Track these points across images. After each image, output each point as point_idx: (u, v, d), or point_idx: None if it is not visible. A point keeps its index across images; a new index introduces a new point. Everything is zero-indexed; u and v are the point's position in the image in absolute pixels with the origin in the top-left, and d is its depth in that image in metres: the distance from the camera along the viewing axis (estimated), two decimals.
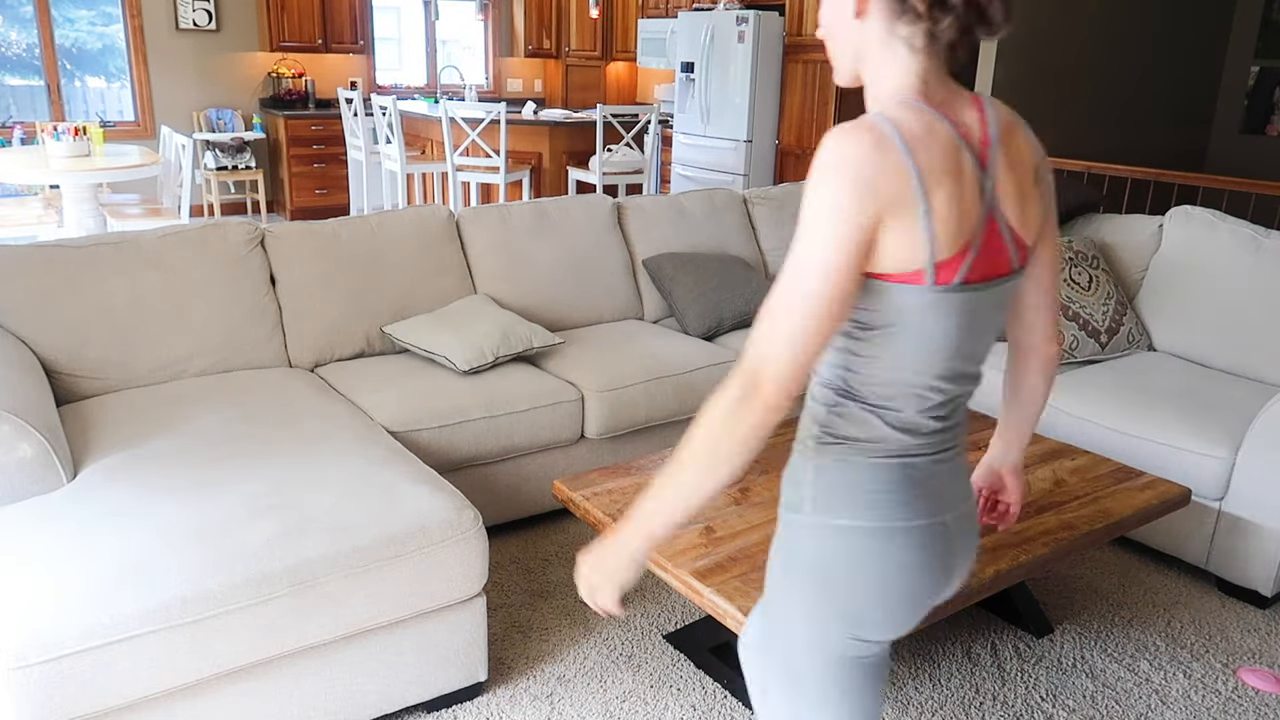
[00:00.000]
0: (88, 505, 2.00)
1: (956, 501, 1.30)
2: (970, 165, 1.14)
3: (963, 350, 1.21)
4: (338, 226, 3.21)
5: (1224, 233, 3.37)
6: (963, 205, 1.13)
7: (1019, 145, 1.21)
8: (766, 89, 6.71)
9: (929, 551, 1.25)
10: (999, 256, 1.19)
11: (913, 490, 1.24)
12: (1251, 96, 7.38)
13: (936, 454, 1.27)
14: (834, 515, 1.26)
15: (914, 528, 1.24)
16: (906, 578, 1.25)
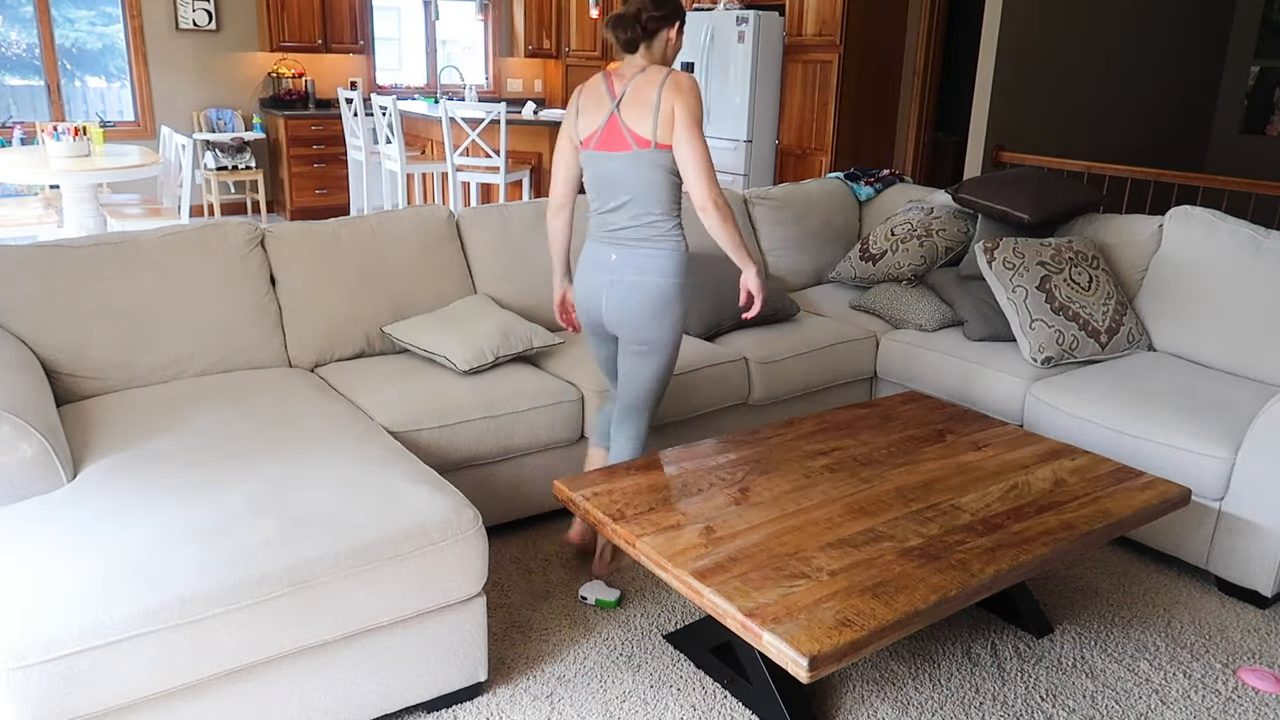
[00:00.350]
0: (88, 505, 2.00)
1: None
2: (606, 94, 2.42)
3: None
4: (338, 226, 3.21)
5: (1224, 233, 3.37)
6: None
7: (644, 90, 2.38)
8: (766, 89, 6.71)
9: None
10: (618, 139, 2.40)
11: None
12: (1251, 96, 7.38)
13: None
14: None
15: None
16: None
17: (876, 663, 2.41)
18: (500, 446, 2.86)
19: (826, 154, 6.53)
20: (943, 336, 3.58)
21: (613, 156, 2.40)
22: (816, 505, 2.25)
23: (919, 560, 2.02)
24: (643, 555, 2.07)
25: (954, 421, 2.80)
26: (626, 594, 2.69)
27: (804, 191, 4.34)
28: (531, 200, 3.68)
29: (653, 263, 2.44)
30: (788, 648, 1.73)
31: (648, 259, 2.44)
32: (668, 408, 3.16)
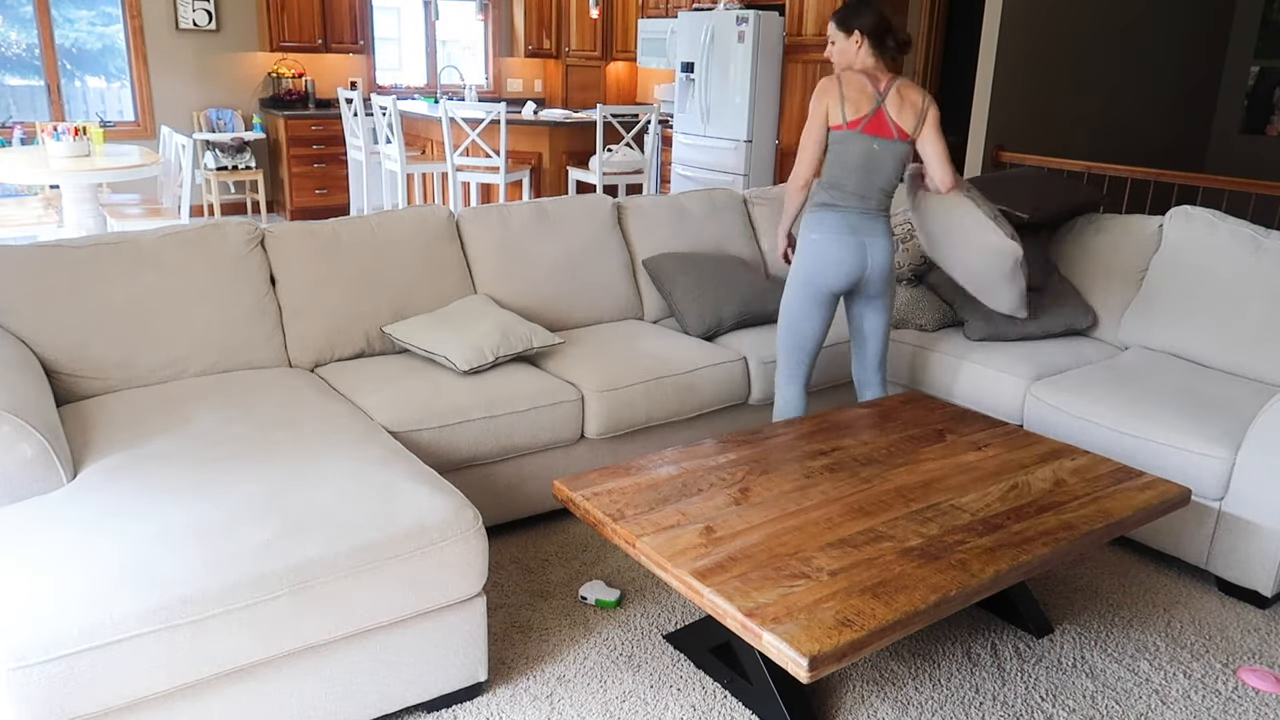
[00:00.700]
0: (88, 505, 2.00)
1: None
2: (871, 89, 2.89)
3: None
4: (338, 226, 3.21)
5: (1224, 233, 3.37)
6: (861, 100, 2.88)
7: (908, 93, 2.90)
8: (766, 89, 6.71)
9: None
10: (884, 127, 2.88)
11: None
12: (1251, 96, 7.38)
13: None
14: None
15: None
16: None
17: (876, 663, 2.41)
18: (500, 446, 2.86)
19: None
20: (943, 336, 3.58)
21: (878, 140, 2.87)
22: (816, 505, 2.25)
23: (919, 560, 2.02)
24: (643, 555, 2.07)
25: (954, 421, 2.80)
26: (626, 594, 2.69)
27: None
28: (532, 200, 3.68)
29: (888, 228, 2.98)
30: (788, 648, 1.73)
31: (885, 226, 2.97)
32: (667, 408, 3.16)
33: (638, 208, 3.86)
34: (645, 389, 3.10)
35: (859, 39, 2.88)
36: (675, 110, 7.33)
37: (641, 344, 3.34)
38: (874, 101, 2.85)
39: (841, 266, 2.92)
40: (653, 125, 6.73)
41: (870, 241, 2.92)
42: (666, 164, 7.56)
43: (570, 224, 3.64)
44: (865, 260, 2.93)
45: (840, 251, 2.91)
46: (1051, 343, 3.51)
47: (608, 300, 3.66)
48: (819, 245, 2.93)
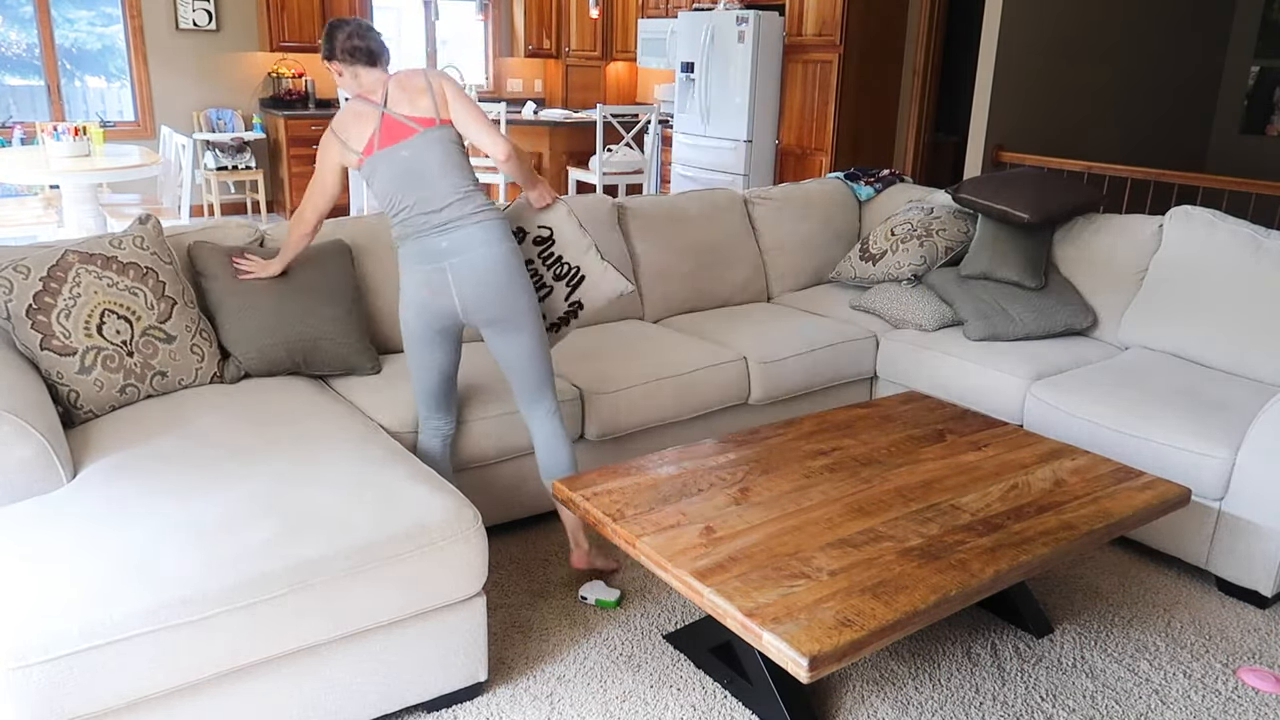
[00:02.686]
0: (87, 505, 2.00)
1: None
2: (370, 109, 2.50)
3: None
4: (336, 227, 3.21)
5: (1224, 233, 3.37)
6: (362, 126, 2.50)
7: (409, 81, 2.51)
8: (766, 89, 6.71)
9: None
10: (399, 129, 2.46)
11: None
12: (1251, 96, 7.38)
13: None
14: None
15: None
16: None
17: (876, 663, 2.41)
18: (500, 446, 2.86)
19: (826, 154, 6.53)
20: (943, 336, 3.58)
21: (403, 145, 2.45)
22: (816, 505, 2.25)
23: (919, 560, 2.02)
24: (643, 555, 2.07)
25: (954, 421, 2.80)
26: (626, 594, 2.69)
27: (804, 191, 4.34)
28: None
29: (486, 233, 2.45)
30: (788, 648, 1.73)
31: (480, 231, 2.45)
32: (667, 408, 3.16)
33: (638, 208, 3.86)
34: (645, 389, 3.10)
35: (337, 68, 2.54)
36: (675, 110, 7.34)
37: (641, 344, 3.34)
38: (375, 117, 2.47)
39: (424, 304, 2.48)
40: (653, 125, 6.73)
41: (447, 266, 2.43)
42: (666, 164, 7.57)
43: None
44: (445, 293, 2.45)
45: (417, 289, 2.47)
46: (1051, 343, 3.51)
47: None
48: (407, 284, 2.50)
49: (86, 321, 2.49)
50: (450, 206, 2.45)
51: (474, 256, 2.43)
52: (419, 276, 2.45)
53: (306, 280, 2.90)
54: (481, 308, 2.46)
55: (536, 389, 2.61)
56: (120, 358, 2.54)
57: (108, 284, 2.55)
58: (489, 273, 2.44)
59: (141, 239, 2.68)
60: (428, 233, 2.44)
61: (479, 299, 2.45)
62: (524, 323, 2.52)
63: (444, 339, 2.54)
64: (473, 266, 2.43)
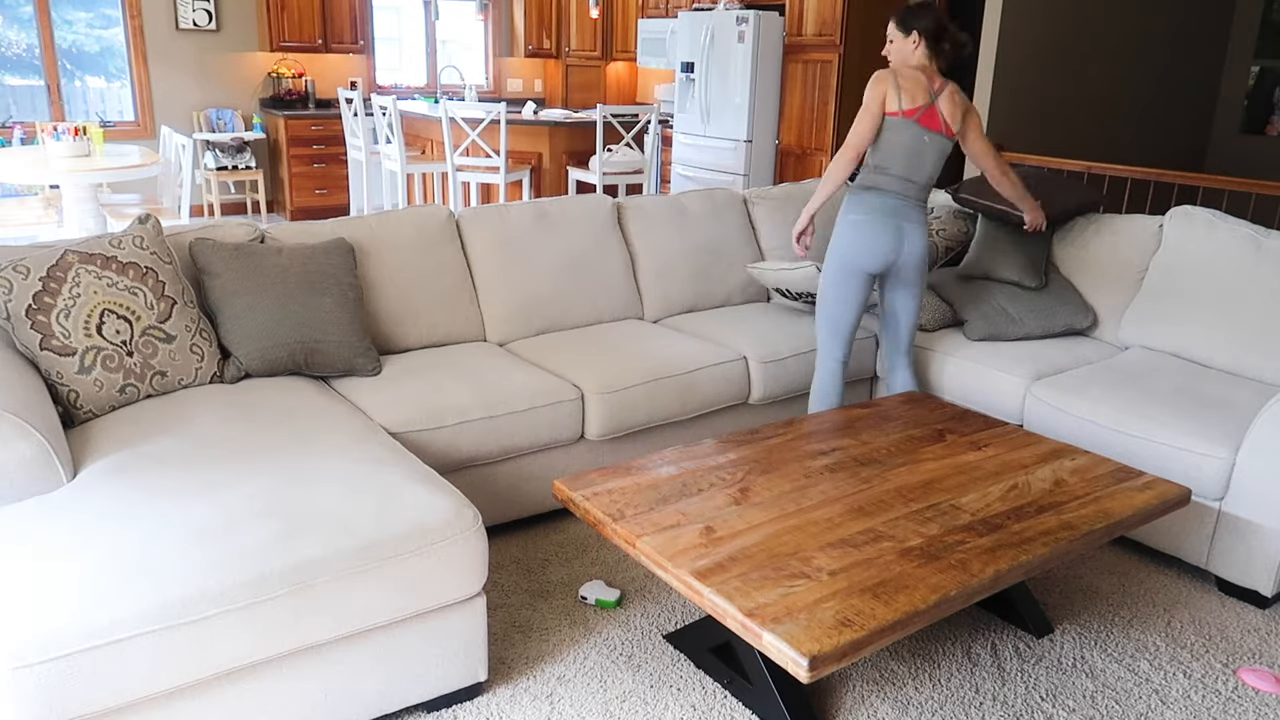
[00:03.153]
0: (87, 505, 2.00)
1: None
2: (927, 85, 3.08)
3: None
4: (337, 226, 3.21)
5: (1224, 233, 3.37)
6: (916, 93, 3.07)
7: (955, 94, 3.09)
8: (766, 89, 6.71)
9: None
10: (935, 121, 3.07)
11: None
12: (1251, 96, 7.38)
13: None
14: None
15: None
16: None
17: (876, 663, 2.41)
18: (500, 447, 2.86)
19: (826, 154, 6.53)
20: (943, 336, 3.58)
21: (928, 133, 3.06)
22: (816, 505, 2.25)
23: (919, 560, 2.02)
24: (643, 555, 2.07)
25: (954, 421, 2.80)
26: (626, 594, 2.69)
27: (804, 191, 4.34)
28: (532, 200, 3.68)
29: (924, 215, 3.15)
30: (788, 648, 1.73)
31: (922, 215, 3.14)
32: (667, 408, 3.16)
33: (638, 208, 3.86)
34: (646, 389, 3.10)
35: (916, 40, 3.05)
36: (675, 110, 7.33)
37: (641, 344, 3.34)
38: (929, 96, 3.04)
39: (879, 247, 3.10)
40: (653, 125, 6.73)
41: (908, 227, 3.09)
42: (666, 164, 7.57)
43: (570, 224, 3.64)
44: (901, 244, 3.10)
45: (878, 233, 3.09)
46: (1051, 343, 3.51)
47: (608, 300, 3.66)
48: (858, 226, 3.10)
49: (86, 321, 2.49)
50: (916, 189, 3.11)
51: (920, 230, 3.12)
52: (880, 225, 3.09)
53: (308, 280, 2.90)
54: (910, 266, 3.15)
55: (909, 341, 3.30)
56: (120, 357, 2.54)
57: (107, 284, 2.55)
58: (924, 242, 3.14)
59: (141, 239, 2.68)
60: (896, 196, 3.09)
61: (914, 259, 3.13)
62: (922, 288, 3.23)
63: (869, 282, 3.19)
64: (919, 236, 3.12)
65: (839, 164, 3.12)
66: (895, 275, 3.17)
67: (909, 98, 3.03)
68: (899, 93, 3.04)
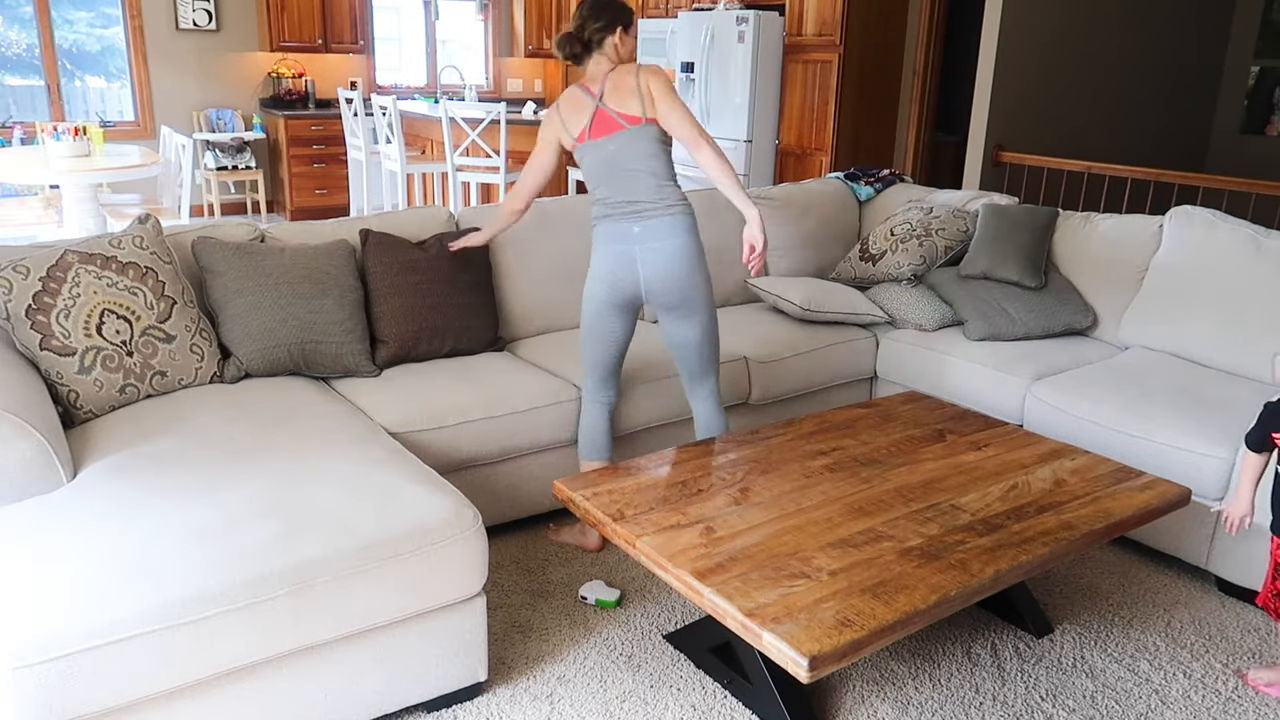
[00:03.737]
0: (88, 505, 2.00)
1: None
2: (585, 96, 2.69)
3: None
4: (337, 227, 3.21)
5: (1224, 233, 3.37)
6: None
7: (622, 79, 2.65)
8: (766, 89, 6.71)
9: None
10: (609, 124, 2.64)
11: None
12: (1251, 96, 7.38)
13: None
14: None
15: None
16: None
17: (876, 663, 2.41)
18: (500, 447, 2.86)
19: (826, 154, 6.53)
20: (943, 336, 3.58)
21: (610, 139, 2.65)
22: (816, 505, 2.25)
23: (919, 560, 2.02)
24: (643, 555, 2.07)
25: (954, 421, 2.80)
26: (626, 594, 2.69)
27: (804, 191, 4.34)
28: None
29: (675, 224, 2.67)
30: (788, 648, 1.73)
31: (671, 222, 2.67)
32: (667, 408, 3.16)
33: None
34: (645, 389, 3.10)
35: (564, 65, 2.81)
36: None
37: (642, 344, 3.34)
38: (590, 108, 2.67)
39: (611, 279, 2.70)
40: None
41: (637, 252, 2.65)
42: None
43: (570, 224, 3.64)
44: (632, 275, 2.67)
45: (607, 264, 2.70)
46: (1051, 343, 3.51)
47: None
48: (598, 259, 2.73)
49: (86, 321, 2.49)
50: (644, 198, 2.65)
51: (661, 246, 2.65)
52: (610, 255, 2.68)
53: (309, 281, 2.90)
54: (662, 292, 2.68)
55: (701, 372, 2.84)
56: (120, 357, 2.54)
57: (107, 284, 2.55)
58: (672, 261, 2.65)
59: (141, 239, 2.68)
60: (621, 218, 2.66)
61: (661, 284, 2.67)
62: (697, 309, 2.73)
63: (623, 314, 2.76)
64: (659, 254, 2.65)
65: (502, 214, 2.91)
66: (654, 302, 2.73)
67: (573, 121, 2.68)
68: (564, 126, 2.70)
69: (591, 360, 2.84)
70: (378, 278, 3.04)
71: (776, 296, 3.70)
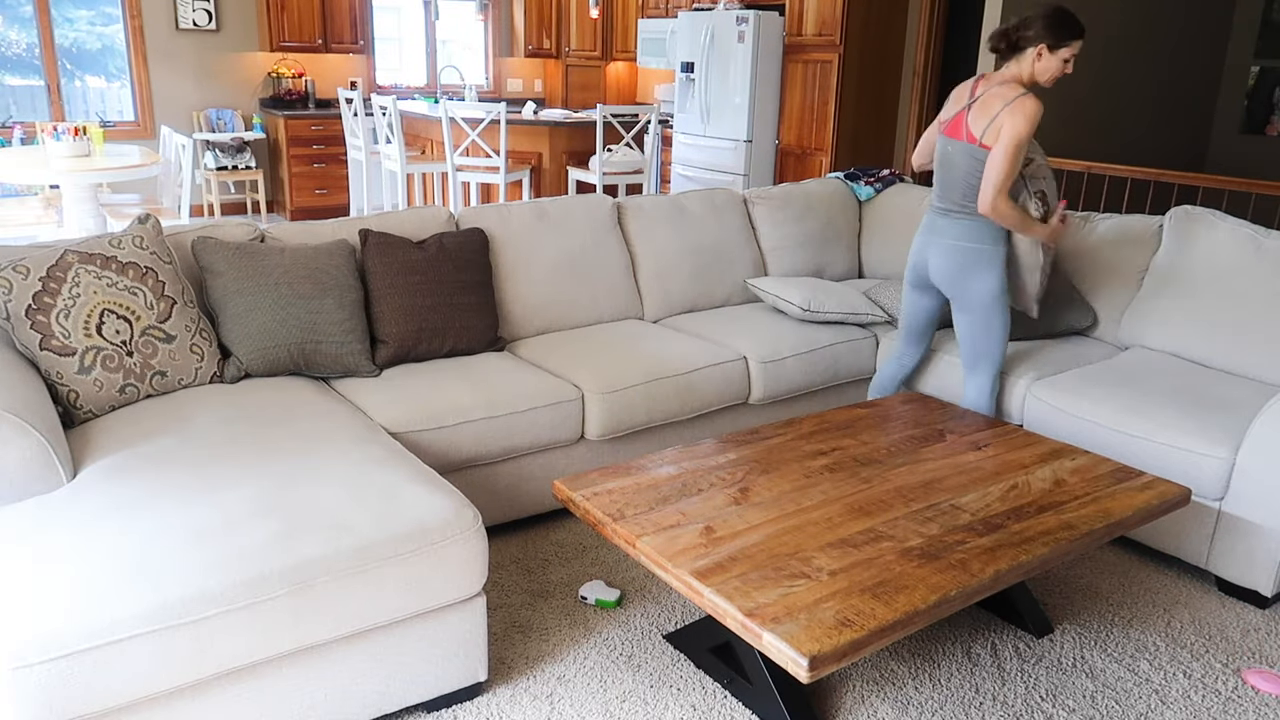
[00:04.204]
0: (88, 505, 2.00)
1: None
2: (967, 95, 2.99)
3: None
4: (337, 227, 3.21)
5: (1224, 233, 3.37)
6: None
7: (993, 101, 2.88)
8: (766, 89, 6.71)
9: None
10: (958, 129, 2.95)
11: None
12: (1251, 96, 7.38)
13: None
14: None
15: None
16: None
17: (876, 663, 2.42)
18: (500, 447, 2.86)
19: (826, 154, 6.53)
20: (943, 336, 3.58)
21: (951, 142, 3.00)
22: (816, 505, 2.25)
23: (919, 560, 2.02)
24: (643, 555, 2.07)
25: (954, 421, 2.80)
26: (626, 594, 2.69)
27: (804, 191, 4.34)
28: (532, 200, 3.68)
29: (961, 229, 3.00)
30: (788, 648, 1.73)
31: (957, 225, 3.01)
32: (667, 408, 3.16)
33: (638, 208, 3.86)
34: (645, 389, 3.10)
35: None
36: (675, 110, 7.33)
37: (641, 344, 3.34)
38: (963, 105, 2.99)
39: (913, 259, 3.19)
40: (653, 125, 6.74)
41: (930, 242, 3.09)
42: (666, 164, 7.57)
43: (570, 224, 3.64)
44: (925, 260, 3.13)
45: (914, 244, 3.20)
46: (1051, 343, 3.51)
47: (608, 300, 3.66)
48: (916, 237, 3.20)
49: (86, 321, 2.50)
50: (950, 200, 3.01)
51: (945, 243, 3.03)
52: (917, 241, 3.15)
53: (309, 281, 2.90)
54: (938, 281, 3.10)
55: (969, 361, 3.17)
56: (120, 357, 2.54)
57: (107, 284, 2.56)
58: (948, 258, 3.03)
59: (141, 239, 2.68)
60: (932, 211, 3.09)
61: (937, 274, 3.09)
62: (967, 307, 3.07)
63: (924, 291, 3.21)
64: (941, 249, 3.05)
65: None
66: (937, 285, 3.14)
67: (950, 107, 3.05)
68: (952, 102, 3.05)
69: (904, 326, 3.34)
70: (378, 278, 3.04)
71: (776, 296, 3.70)
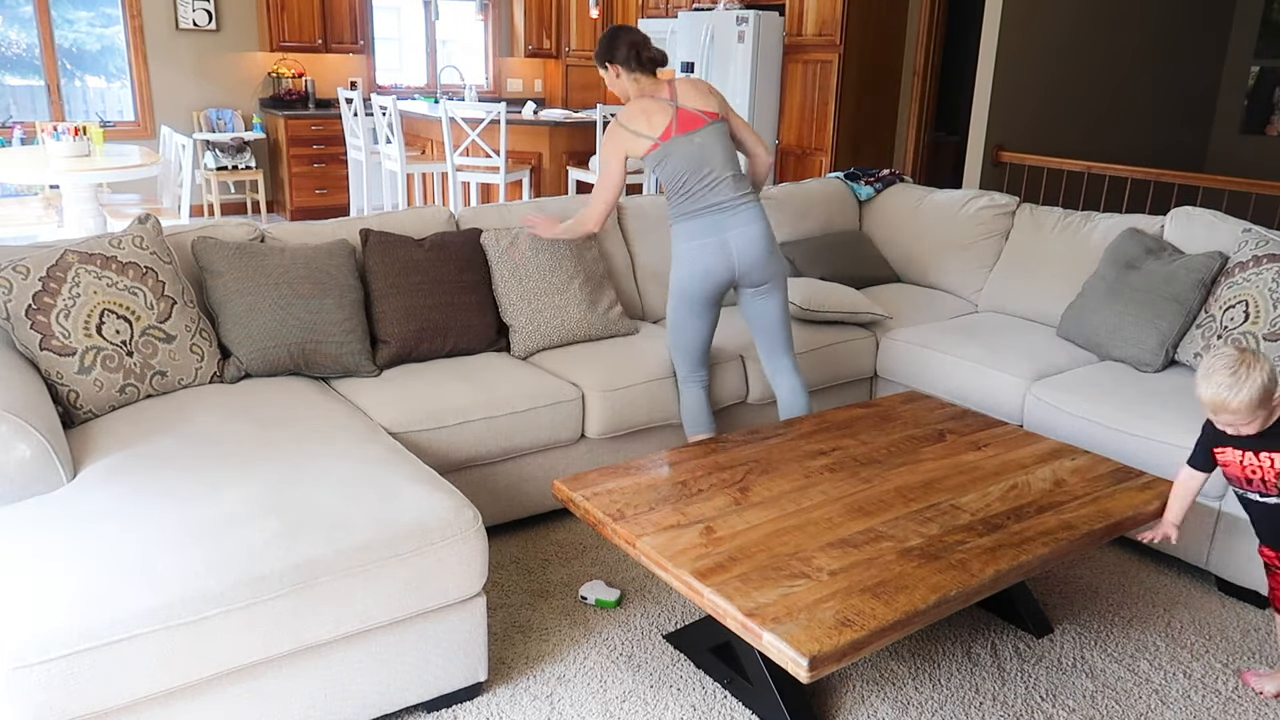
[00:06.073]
0: (88, 505, 2.00)
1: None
2: (661, 104, 2.93)
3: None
4: (337, 227, 3.21)
5: (1224, 233, 3.37)
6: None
7: (691, 88, 2.96)
8: (766, 89, 6.71)
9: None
10: (693, 120, 2.92)
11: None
12: (1251, 96, 7.37)
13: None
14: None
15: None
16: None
17: (876, 663, 2.42)
18: (500, 447, 2.86)
19: (826, 154, 6.53)
20: (943, 336, 3.58)
21: (697, 133, 2.90)
22: (816, 505, 2.25)
23: (919, 560, 2.02)
24: (643, 555, 2.07)
25: (954, 421, 2.80)
26: (626, 594, 2.69)
27: (804, 191, 4.34)
28: (532, 200, 3.68)
29: (755, 212, 2.95)
30: (788, 648, 1.73)
31: (753, 210, 2.94)
32: (668, 407, 3.16)
33: (638, 208, 3.86)
34: (645, 389, 3.10)
35: (616, 71, 2.98)
36: None
37: (641, 344, 3.34)
38: (669, 110, 2.91)
39: (706, 269, 2.92)
40: None
41: (731, 235, 2.90)
42: None
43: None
44: (730, 256, 2.91)
45: (700, 255, 2.92)
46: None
47: None
48: (689, 252, 2.93)
49: (86, 321, 2.49)
50: (729, 186, 2.92)
51: (750, 230, 2.91)
52: (702, 246, 2.91)
53: (309, 281, 2.90)
54: (752, 271, 2.93)
55: (784, 344, 3.08)
56: (120, 357, 2.53)
57: (107, 284, 2.55)
58: (760, 242, 2.92)
59: (141, 239, 2.68)
60: (710, 210, 2.90)
61: (753, 264, 2.92)
62: (780, 286, 3.01)
63: (714, 304, 3.00)
64: (749, 238, 2.91)
65: (592, 230, 3.14)
66: (745, 282, 2.98)
67: (649, 127, 2.90)
68: (634, 133, 2.91)
69: (689, 352, 3.06)
70: (378, 278, 3.04)
71: None
